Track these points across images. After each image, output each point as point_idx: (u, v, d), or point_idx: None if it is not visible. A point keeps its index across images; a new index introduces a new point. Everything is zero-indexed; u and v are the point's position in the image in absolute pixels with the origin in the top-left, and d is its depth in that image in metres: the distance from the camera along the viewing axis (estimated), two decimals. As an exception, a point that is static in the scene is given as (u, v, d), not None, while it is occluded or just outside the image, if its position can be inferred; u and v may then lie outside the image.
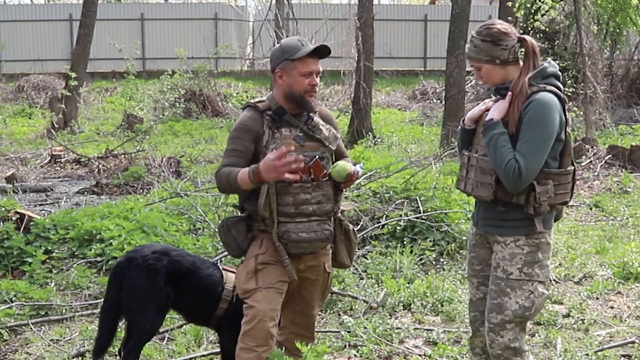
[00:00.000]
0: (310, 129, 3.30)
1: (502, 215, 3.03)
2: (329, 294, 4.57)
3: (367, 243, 5.99)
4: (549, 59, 3.14)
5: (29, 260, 5.43)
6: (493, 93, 3.12)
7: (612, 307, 5.01)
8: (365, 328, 4.45)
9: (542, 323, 4.63)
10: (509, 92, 2.98)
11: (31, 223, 5.94)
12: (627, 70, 16.82)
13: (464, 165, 3.15)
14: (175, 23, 22.66)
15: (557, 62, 12.95)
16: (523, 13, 12.91)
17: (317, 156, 3.27)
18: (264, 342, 3.16)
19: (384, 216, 6.18)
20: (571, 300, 5.10)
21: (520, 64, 3.03)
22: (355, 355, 4.22)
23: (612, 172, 9.52)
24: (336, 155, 3.45)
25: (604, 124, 13.37)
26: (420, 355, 4.21)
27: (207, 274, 3.62)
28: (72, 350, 4.24)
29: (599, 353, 4.13)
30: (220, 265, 3.99)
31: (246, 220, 3.32)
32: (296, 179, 3.08)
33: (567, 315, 4.82)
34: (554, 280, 5.47)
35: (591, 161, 9.95)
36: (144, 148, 10.68)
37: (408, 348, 4.31)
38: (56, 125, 13.17)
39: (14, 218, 5.93)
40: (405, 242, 5.91)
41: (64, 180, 9.97)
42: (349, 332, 4.42)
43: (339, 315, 4.83)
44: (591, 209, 7.98)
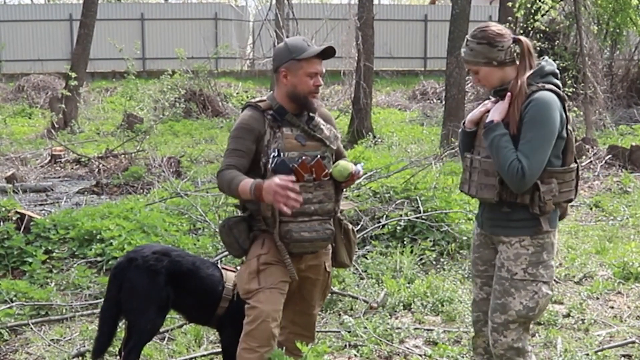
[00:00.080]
0: (311, 129, 3.30)
1: (508, 215, 3.03)
2: (329, 294, 4.58)
3: (368, 243, 5.99)
4: (546, 57, 3.13)
5: (29, 260, 5.43)
6: (492, 94, 3.12)
7: (612, 307, 5.01)
8: (365, 328, 4.45)
9: (542, 323, 4.63)
10: (508, 93, 2.98)
11: (31, 223, 5.94)
12: (627, 70, 16.82)
13: (467, 168, 3.14)
14: (175, 23, 22.67)
15: (557, 62, 13.02)
16: (523, 13, 12.91)
17: (319, 155, 3.28)
18: (267, 343, 3.16)
19: (384, 216, 6.18)
20: (571, 300, 5.10)
21: (517, 65, 3.02)
22: (355, 355, 4.21)
23: (612, 172, 9.52)
24: (335, 155, 3.46)
25: (604, 124, 13.38)
26: (420, 355, 4.21)
27: (208, 274, 3.62)
28: (73, 350, 4.24)
29: (599, 353, 4.13)
30: (219, 264, 3.99)
31: (247, 220, 3.31)
32: (286, 213, 3.07)
33: (567, 315, 4.82)
34: (555, 280, 5.47)
35: (591, 161, 9.95)
36: (144, 148, 10.67)
37: (408, 348, 4.31)
38: (56, 125, 13.17)
39: (14, 218, 5.93)
40: (405, 242, 5.91)
41: (64, 180, 9.96)
42: (349, 332, 4.42)
43: (339, 315, 4.83)
44: (591, 209, 7.98)
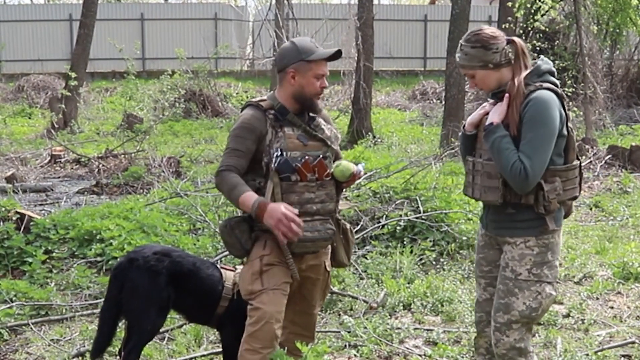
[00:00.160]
0: (313, 129, 3.30)
1: (512, 216, 3.02)
2: (329, 294, 4.58)
3: (367, 243, 5.99)
4: (542, 57, 3.13)
5: (29, 260, 5.43)
6: (490, 97, 3.11)
7: (612, 307, 5.01)
8: (365, 328, 4.45)
9: (542, 323, 4.62)
10: (506, 94, 2.98)
11: (31, 223, 5.94)
12: (627, 70, 16.83)
13: (470, 171, 3.14)
14: (175, 23, 22.67)
15: (557, 62, 13.05)
16: (523, 13, 12.92)
17: (321, 155, 3.28)
18: (269, 344, 3.16)
19: (384, 216, 6.18)
20: (571, 300, 5.10)
21: (512, 66, 3.02)
22: (355, 355, 4.21)
23: (612, 172, 9.52)
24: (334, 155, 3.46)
25: (604, 124, 13.38)
26: (420, 355, 4.21)
27: (208, 274, 3.63)
28: (72, 350, 4.24)
29: (599, 353, 4.13)
30: (218, 264, 4.00)
31: (248, 220, 3.30)
32: (282, 242, 3.11)
33: (567, 315, 4.82)
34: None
35: (591, 161, 9.94)
36: (144, 148, 10.68)
37: (408, 348, 4.31)
38: (56, 125, 13.17)
39: (14, 218, 5.93)
40: (405, 242, 5.91)
41: (64, 180, 9.97)
42: (349, 332, 4.42)
43: (339, 315, 4.83)
44: (591, 209, 7.99)
